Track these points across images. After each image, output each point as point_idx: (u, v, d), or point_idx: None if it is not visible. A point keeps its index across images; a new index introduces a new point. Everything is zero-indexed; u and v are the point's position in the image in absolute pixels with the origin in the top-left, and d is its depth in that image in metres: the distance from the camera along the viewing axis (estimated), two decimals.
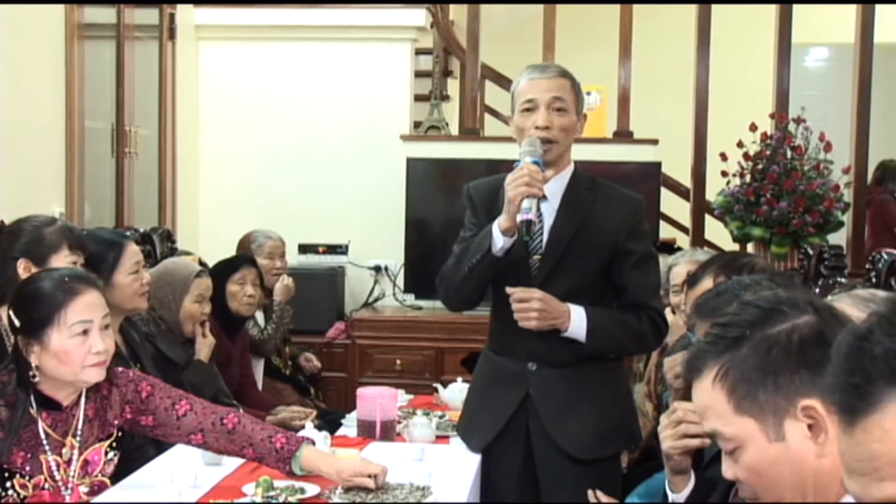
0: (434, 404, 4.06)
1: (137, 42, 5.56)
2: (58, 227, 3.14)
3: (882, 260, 3.48)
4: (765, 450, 1.54)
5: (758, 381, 1.53)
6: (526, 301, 2.92)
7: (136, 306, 3.49)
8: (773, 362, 1.53)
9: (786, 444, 1.53)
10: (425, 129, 6.38)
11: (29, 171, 4.54)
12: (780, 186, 5.40)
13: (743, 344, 1.56)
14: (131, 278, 3.42)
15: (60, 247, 3.08)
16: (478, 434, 3.10)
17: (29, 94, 4.56)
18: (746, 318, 1.59)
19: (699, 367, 1.60)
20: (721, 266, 2.86)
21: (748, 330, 1.57)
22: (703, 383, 1.59)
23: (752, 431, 1.54)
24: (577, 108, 3.01)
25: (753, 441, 1.54)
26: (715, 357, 1.58)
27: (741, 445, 1.56)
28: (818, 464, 1.51)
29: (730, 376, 1.55)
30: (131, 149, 5.41)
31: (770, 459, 1.54)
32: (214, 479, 2.79)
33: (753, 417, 1.54)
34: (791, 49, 6.03)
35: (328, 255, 6.11)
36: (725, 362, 1.56)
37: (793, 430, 1.52)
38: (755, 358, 1.54)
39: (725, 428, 1.56)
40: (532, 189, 2.79)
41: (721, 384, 1.56)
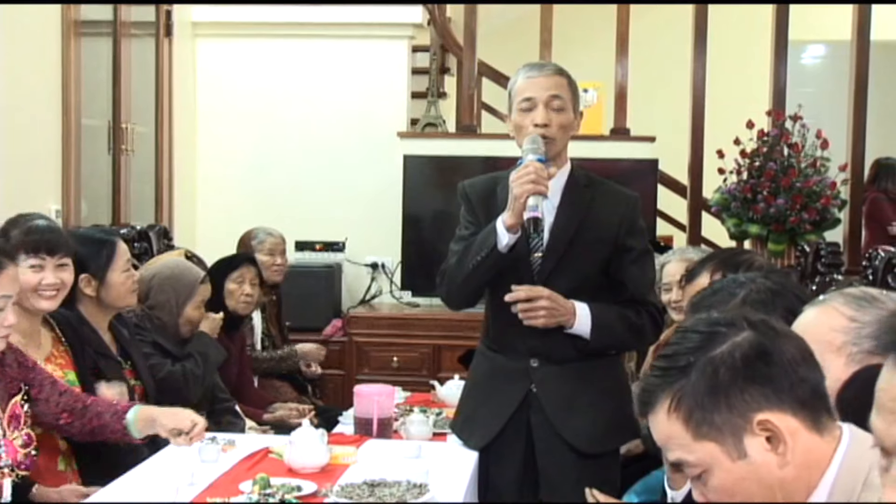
0: (431, 401, 4.07)
1: (134, 39, 5.55)
2: (17, 232, 3.08)
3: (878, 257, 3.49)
4: (730, 470, 1.55)
5: (710, 405, 1.55)
6: (533, 300, 2.93)
7: (127, 304, 3.49)
8: (722, 383, 1.55)
9: (748, 460, 1.55)
10: (422, 127, 6.38)
11: (25, 169, 4.53)
12: (777, 184, 5.41)
13: (689, 371, 1.57)
14: (124, 276, 3.42)
15: (18, 254, 2.99)
16: (478, 431, 3.11)
17: (25, 92, 4.55)
18: (688, 346, 1.61)
19: (651, 401, 1.61)
20: (719, 262, 2.87)
21: (692, 356, 1.58)
22: (659, 416, 1.60)
23: (714, 454, 1.56)
24: (574, 105, 3.03)
25: (718, 463, 1.56)
26: (665, 389, 1.59)
27: (707, 469, 1.57)
28: (782, 474, 1.54)
29: (683, 404, 1.57)
30: (128, 146, 5.40)
31: (736, 478, 1.55)
32: (211, 477, 2.79)
33: (713, 440, 1.55)
34: (788, 46, 6.03)
35: (325, 252, 6.10)
36: (676, 392, 1.57)
37: (753, 446, 1.54)
38: (703, 382, 1.56)
39: (689, 456, 1.58)
40: (538, 187, 2.81)
41: (676, 414, 1.57)
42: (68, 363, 3.16)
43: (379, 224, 6.13)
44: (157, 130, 5.83)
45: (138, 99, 5.56)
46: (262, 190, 6.25)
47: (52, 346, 3.15)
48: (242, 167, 6.31)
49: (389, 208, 6.02)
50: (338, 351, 5.76)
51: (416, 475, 2.74)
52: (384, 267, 6.20)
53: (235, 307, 4.42)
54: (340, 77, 6.26)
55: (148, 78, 5.75)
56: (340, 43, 6.27)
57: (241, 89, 6.32)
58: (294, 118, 6.27)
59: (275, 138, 6.28)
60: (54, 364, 3.10)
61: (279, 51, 6.32)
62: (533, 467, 3.03)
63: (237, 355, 4.49)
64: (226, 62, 6.35)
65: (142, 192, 5.69)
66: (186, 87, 6.18)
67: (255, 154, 6.30)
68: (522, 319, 2.95)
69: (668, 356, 1.62)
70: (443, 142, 6.20)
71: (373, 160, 6.19)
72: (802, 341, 1.64)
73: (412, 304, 6.05)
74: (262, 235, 5.00)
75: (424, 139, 6.23)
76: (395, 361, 5.67)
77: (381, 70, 6.26)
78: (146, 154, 5.72)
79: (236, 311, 4.43)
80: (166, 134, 5.89)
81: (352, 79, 6.25)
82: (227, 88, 6.32)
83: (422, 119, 6.42)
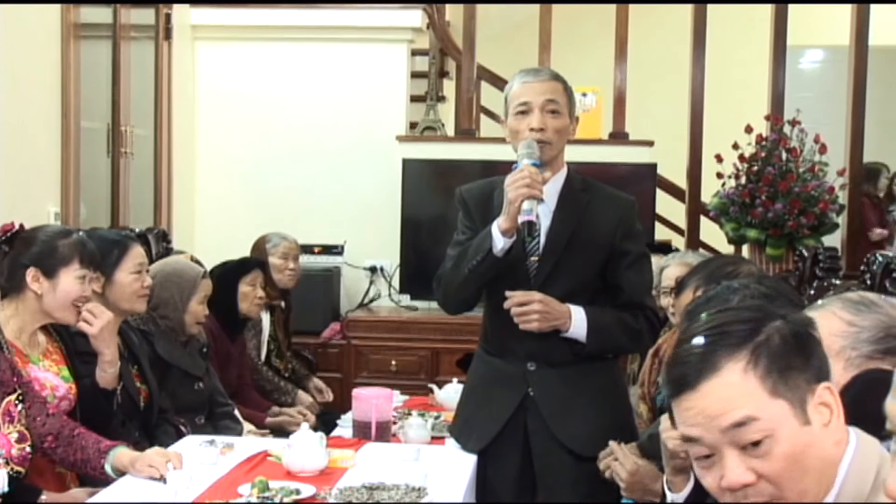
0: (429, 405, 4.07)
1: (134, 42, 5.55)
2: (72, 241, 3.12)
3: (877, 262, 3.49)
4: (798, 435, 1.54)
5: (789, 365, 1.56)
6: (526, 304, 2.94)
7: (132, 307, 3.49)
8: (793, 348, 1.57)
9: (811, 428, 1.55)
10: (421, 130, 6.38)
11: (25, 171, 4.53)
12: (776, 188, 5.41)
13: (761, 330, 1.57)
14: (132, 278, 3.43)
15: (72, 260, 3.08)
16: (476, 435, 3.11)
17: (25, 94, 4.55)
18: (747, 315, 1.61)
19: (715, 363, 1.56)
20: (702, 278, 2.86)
21: (761, 318, 1.60)
22: (725, 376, 1.56)
23: (786, 415, 1.54)
24: (569, 110, 3.04)
25: (788, 426, 1.54)
26: (733, 349, 1.57)
27: (772, 434, 1.53)
28: (835, 451, 1.55)
29: (760, 362, 1.55)
30: (127, 149, 5.40)
31: (804, 444, 1.54)
32: (209, 480, 2.79)
33: (787, 401, 1.54)
34: (786, 51, 6.04)
35: (324, 255, 6.10)
36: (755, 348, 1.56)
37: (814, 415, 1.55)
38: (779, 343, 1.57)
39: (761, 413, 1.54)
40: (533, 191, 2.82)
41: (754, 371, 1.55)
42: (62, 359, 3.18)
43: (378, 227, 6.14)
44: (156, 133, 5.83)
45: (138, 102, 5.56)
46: (261, 193, 6.26)
47: (48, 343, 3.17)
48: (241, 170, 6.31)
49: (388, 212, 6.02)
50: (336, 354, 5.77)
51: (415, 478, 2.74)
52: (383, 270, 6.20)
53: (248, 309, 4.46)
54: (339, 80, 6.26)
55: (147, 81, 5.76)
56: (340, 46, 6.28)
57: (240, 92, 6.32)
58: (293, 121, 6.27)
59: (274, 141, 6.28)
60: (50, 360, 3.13)
61: (278, 54, 6.33)
62: (530, 470, 3.04)
63: (238, 358, 4.50)
64: (225, 65, 6.35)
65: (141, 194, 5.69)
66: (186, 90, 6.18)
67: (254, 157, 6.30)
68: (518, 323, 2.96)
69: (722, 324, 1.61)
70: (442, 145, 6.20)
71: (372, 163, 6.19)
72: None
73: (411, 307, 6.05)
74: (276, 239, 5.03)
75: (423, 143, 6.24)
76: (394, 365, 5.67)
77: (380, 73, 6.27)
78: (145, 157, 5.72)
79: (248, 314, 4.48)
80: (165, 137, 5.89)
81: (351, 82, 6.26)
82: (227, 91, 6.33)
83: (421, 123, 6.42)
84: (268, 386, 4.74)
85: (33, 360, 3.05)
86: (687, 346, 1.62)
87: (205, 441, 3.19)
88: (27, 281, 3.02)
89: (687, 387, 1.58)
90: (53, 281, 3.05)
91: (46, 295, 3.04)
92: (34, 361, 3.05)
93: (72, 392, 3.13)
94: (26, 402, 2.83)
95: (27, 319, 3.05)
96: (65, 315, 3.10)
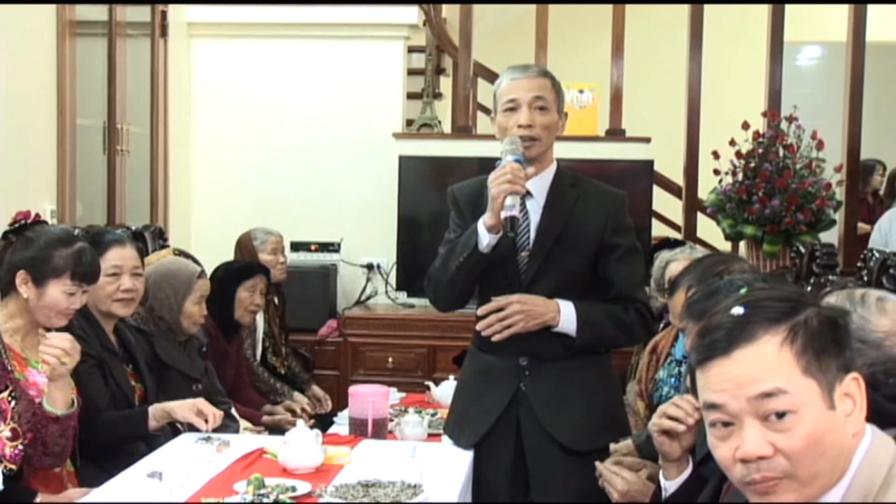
0: (426, 402, 4.07)
1: (129, 39, 5.54)
2: (69, 252, 3.05)
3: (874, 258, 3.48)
4: (822, 415, 1.55)
5: (821, 349, 1.57)
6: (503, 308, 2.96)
7: (109, 310, 3.44)
8: (830, 334, 1.58)
9: (835, 414, 1.56)
10: (418, 127, 6.37)
11: (20, 169, 4.53)
12: (773, 185, 5.41)
13: (800, 312, 1.59)
14: (104, 281, 3.38)
15: (63, 273, 3.02)
16: (468, 431, 3.12)
17: (20, 92, 4.54)
18: (788, 294, 1.64)
19: (753, 333, 1.58)
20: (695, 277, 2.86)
21: (799, 301, 1.62)
22: (761, 347, 1.57)
23: (814, 396, 1.55)
24: (558, 106, 3.05)
25: (814, 406, 1.55)
26: (772, 323, 1.58)
27: (798, 410, 1.54)
28: (852, 443, 1.57)
29: (798, 340, 1.57)
30: (123, 146, 5.40)
31: (826, 427, 1.54)
32: (205, 478, 2.78)
33: (817, 382, 1.55)
34: (783, 47, 6.04)
35: (320, 252, 6.10)
36: (794, 325, 1.58)
37: (840, 402, 1.56)
38: (818, 327, 1.58)
39: (790, 387, 1.55)
40: (515, 186, 2.83)
41: (790, 347, 1.57)
42: None
43: (374, 225, 6.13)
44: (152, 131, 5.83)
45: (133, 99, 5.56)
46: (258, 190, 6.25)
47: None
48: (237, 167, 6.31)
49: (385, 209, 6.02)
50: (333, 352, 5.77)
51: (411, 476, 2.74)
52: (379, 268, 6.20)
53: (242, 315, 4.45)
54: (336, 78, 6.26)
55: (143, 78, 5.75)
56: (336, 44, 6.27)
57: (236, 90, 6.32)
58: (289, 118, 6.27)
59: (270, 139, 6.28)
60: None
61: (274, 51, 6.32)
62: (523, 465, 3.04)
63: (234, 358, 4.50)
64: (221, 63, 6.34)
65: (137, 192, 5.68)
66: (181, 88, 6.18)
67: (251, 154, 6.30)
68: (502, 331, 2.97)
69: (768, 298, 1.63)
70: (438, 142, 6.20)
71: (368, 161, 6.19)
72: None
73: (407, 304, 6.04)
74: (262, 236, 5.01)
75: (420, 140, 6.23)
76: (391, 362, 5.67)
77: (376, 71, 6.26)
78: (141, 154, 5.72)
79: (241, 320, 4.45)
80: (161, 134, 5.88)
81: (347, 79, 6.25)
82: (223, 89, 6.32)
83: (417, 120, 6.42)
84: (263, 387, 4.73)
85: (32, 363, 3.01)
86: (723, 315, 1.63)
87: (201, 438, 3.19)
88: (16, 282, 3.00)
89: (720, 352, 1.59)
90: (41, 289, 3.00)
91: (32, 300, 3.00)
92: (33, 365, 3.01)
93: None
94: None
95: (26, 319, 3.03)
96: (51, 321, 3.06)
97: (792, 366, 1.56)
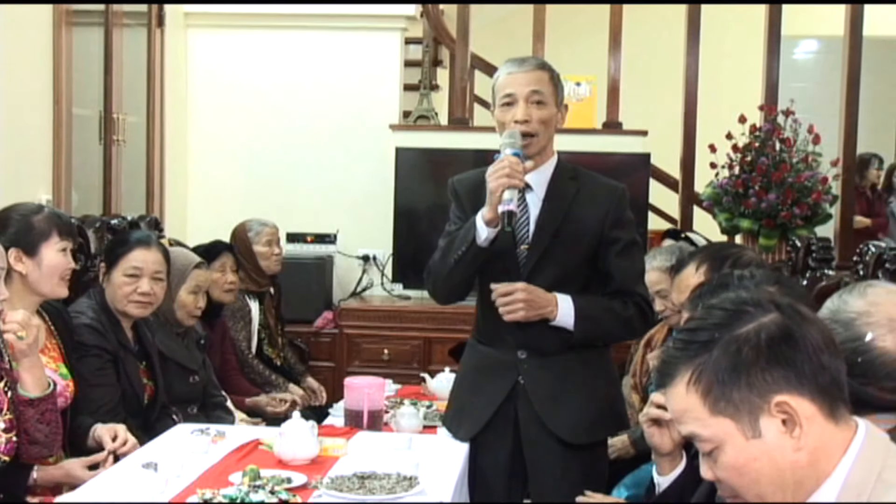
0: (422, 394, 4.07)
1: (126, 29, 5.53)
2: (46, 215, 3.11)
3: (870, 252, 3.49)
4: (743, 448, 1.56)
5: (731, 382, 1.56)
6: (510, 294, 2.94)
7: (125, 310, 3.46)
8: (744, 361, 1.56)
9: (763, 440, 1.55)
10: (414, 119, 6.37)
11: (16, 158, 4.51)
12: (769, 178, 5.41)
13: (712, 347, 1.58)
14: (122, 280, 3.42)
15: (50, 234, 3.07)
16: (466, 423, 3.12)
17: (16, 81, 4.53)
18: (713, 322, 1.61)
19: (671, 373, 1.62)
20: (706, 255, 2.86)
21: (716, 332, 1.59)
22: (677, 388, 1.61)
23: (729, 431, 1.57)
24: (556, 99, 3.03)
25: (731, 440, 1.57)
26: (686, 362, 1.60)
27: (719, 446, 1.58)
28: (794, 458, 1.55)
29: (703, 379, 1.58)
30: (119, 136, 5.38)
31: (749, 457, 1.56)
32: (200, 469, 2.78)
33: (730, 417, 1.56)
34: (780, 41, 6.04)
35: (316, 244, 6.09)
36: (698, 366, 1.58)
37: (768, 427, 1.55)
38: (726, 358, 1.57)
39: (703, 430, 1.58)
40: (513, 180, 2.83)
41: (695, 388, 1.58)
42: (59, 356, 3.16)
43: (370, 216, 6.13)
44: (148, 121, 5.81)
45: (130, 89, 5.54)
46: (254, 181, 6.24)
47: (46, 338, 3.15)
48: (234, 158, 6.29)
49: (381, 201, 6.02)
50: (328, 343, 5.77)
51: (407, 468, 2.74)
52: (376, 259, 6.19)
53: (220, 296, 4.43)
54: (333, 68, 6.24)
55: (139, 68, 5.73)
56: (333, 34, 6.26)
57: (232, 80, 6.30)
58: (286, 109, 6.25)
59: (266, 129, 6.27)
60: (48, 356, 3.10)
61: (271, 42, 6.30)
62: (521, 458, 3.05)
63: (218, 343, 4.48)
64: (217, 53, 6.33)
65: (133, 182, 5.67)
66: (178, 78, 6.16)
67: (247, 145, 6.28)
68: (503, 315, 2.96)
69: (691, 330, 1.63)
70: (435, 134, 6.19)
71: (365, 152, 6.18)
72: (827, 329, 1.65)
73: (403, 296, 6.04)
74: (257, 227, 4.99)
75: (417, 132, 6.22)
76: (386, 354, 5.67)
77: (373, 62, 6.25)
78: (137, 144, 5.70)
79: (221, 300, 4.43)
80: (158, 124, 5.87)
81: (344, 70, 6.24)
82: (219, 79, 6.31)
83: (414, 111, 6.41)
84: (258, 379, 4.72)
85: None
86: (669, 344, 1.68)
87: (196, 429, 3.19)
88: (11, 263, 2.97)
89: (661, 385, 1.66)
90: (36, 258, 3.02)
91: (32, 273, 3.01)
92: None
93: (68, 389, 3.11)
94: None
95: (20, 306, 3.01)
96: (55, 290, 3.08)
97: (700, 407, 1.58)
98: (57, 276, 3.07)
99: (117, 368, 3.35)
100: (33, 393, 2.79)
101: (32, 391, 2.78)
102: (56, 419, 2.86)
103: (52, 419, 2.83)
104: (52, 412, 2.84)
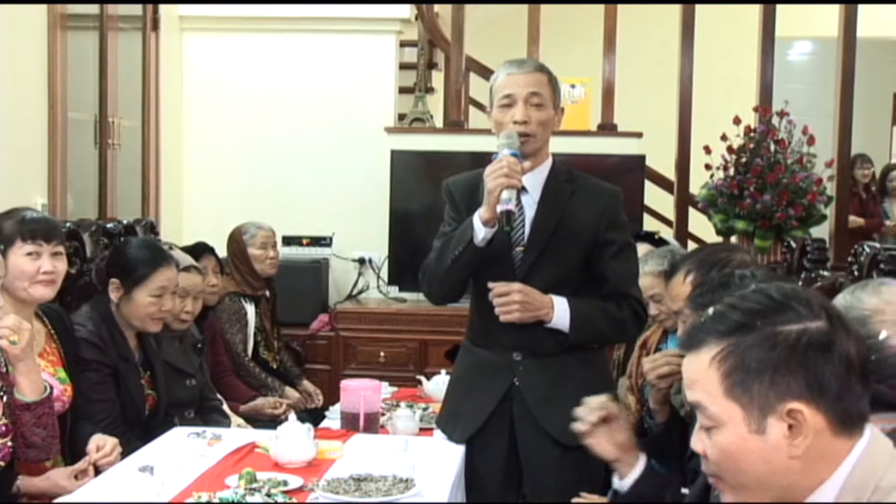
0: (418, 396, 4.08)
1: (121, 33, 5.52)
2: (13, 220, 3.07)
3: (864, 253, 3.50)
4: (742, 437, 1.55)
5: (755, 374, 1.53)
6: (506, 294, 2.95)
7: (146, 328, 3.46)
8: (776, 359, 1.53)
9: (764, 438, 1.54)
10: (409, 122, 6.37)
11: (11, 163, 4.51)
12: (764, 180, 5.42)
13: (750, 332, 1.55)
14: (149, 300, 3.43)
15: (14, 241, 3.03)
16: (461, 425, 3.12)
17: (11, 85, 4.52)
18: (755, 307, 1.58)
19: (701, 340, 1.59)
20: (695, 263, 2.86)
21: (758, 319, 1.56)
22: (701, 357, 1.58)
23: (734, 417, 1.55)
24: (554, 101, 3.05)
25: (733, 426, 1.55)
26: (718, 337, 1.57)
27: (720, 426, 1.56)
28: (788, 464, 1.53)
29: (729, 360, 1.55)
30: (115, 140, 5.38)
31: (745, 448, 1.55)
32: (197, 472, 2.78)
33: (740, 405, 1.54)
34: (775, 43, 6.05)
35: (312, 247, 6.10)
36: (729, 345, 1.56)
37: (774, 428, 1.53)
38: (760, 350, 1.54)
39: (710, 405, 1.57)
40: (511, 180, 2.83)
41: (718, 365, 1.56)
42: (58, 361, 3.15)
43: (366, 219, 6.12)
44: (143, 124, 5.81)
45: (125, 93, 5.54)
46: (249, 184, 6.24)
47: (45, 342, 3.14)
48: (229, 161, 6.29)
49: (376, 203, 6.02)
50: (324, 346, 5.77)
51: (403, 470, 2.74)
52: (371, 262, 6.20)
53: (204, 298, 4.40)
54: (328, 72, 6.25)
55: (135, 72, 5.73)
56: (328, 38, 6.26)
57: (227, 84, 6.30)
58: (281, 113, 6.25)
59: (262, 133, 6.27)
60: (46, 360, 3.10)
61: (266, 45, 6.30)
62: (516, 460, 3.06)
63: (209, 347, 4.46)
64: (213, 57, 6.33)
65: (128, 186, 5.66)
66: (173, 82, 6.16)
67: (242, 148, 6.28)
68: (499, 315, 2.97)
69: (732, 305, 1.60)
70: (430, 137, 6.20)
71: (360, 155, 6.18)
72: (865, 347, 1.61)
73: (399, 299, 6.04)
74: (252, 230, 5.00)
75: (412, 134, 6.22)
76: (382, 356, 5.67)
77: (368, 65, 6.25)
78: (133, 148, 5.70)
79: (205, 303, 4.41)
80: (153, 128, 5.87)
81: (339, 73, 6.24)
82: (214, 83, 6.31)
83: (409, 114, 6.41)
84: (254, 382, 4.72)
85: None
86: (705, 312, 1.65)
87: (192, 432, 3.19)
88: None
89: (684, 347, 1.64)
90: (7, 264, 2.97)
91: (6, 279, 2.97)
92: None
93: (66, 394, 3.11)
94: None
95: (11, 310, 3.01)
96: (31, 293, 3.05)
97: (716, 384, 1.56)
98: (26, 280, 3.03)
99: (117, 381, 3.35)
100: (30, 397, 2.79)
101: (29, 395, 2.79)
102: (53, 423, 2.86)
103: (49, 423, 2.83)
104: (49, 416, 2.84)
